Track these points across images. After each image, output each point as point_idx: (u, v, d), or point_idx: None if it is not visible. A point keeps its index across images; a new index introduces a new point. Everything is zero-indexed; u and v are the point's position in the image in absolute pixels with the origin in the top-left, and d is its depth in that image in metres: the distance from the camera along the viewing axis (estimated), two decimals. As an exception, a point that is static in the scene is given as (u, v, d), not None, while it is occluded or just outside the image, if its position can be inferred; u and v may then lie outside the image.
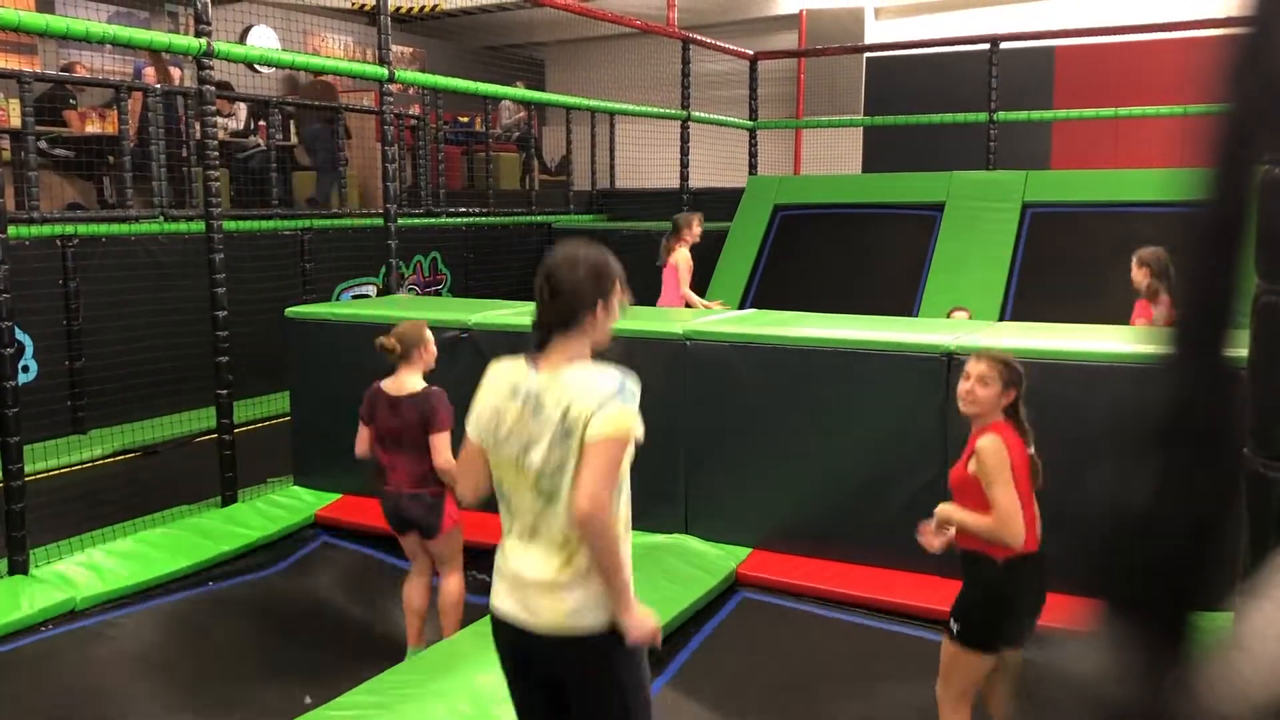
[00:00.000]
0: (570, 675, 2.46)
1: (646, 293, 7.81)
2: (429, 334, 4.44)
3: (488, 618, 2.62)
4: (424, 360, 4.40)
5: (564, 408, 2.36)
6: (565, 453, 2.35)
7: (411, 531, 4.32)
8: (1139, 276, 5.83)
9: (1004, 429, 3.31)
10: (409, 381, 4.31)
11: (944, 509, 3.25)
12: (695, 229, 7.95)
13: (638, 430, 2.38)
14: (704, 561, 4.90)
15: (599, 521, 2.31)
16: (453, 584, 4.40)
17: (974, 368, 3.29)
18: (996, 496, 3.17)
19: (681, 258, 7.82)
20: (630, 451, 2.40)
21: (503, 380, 2.49)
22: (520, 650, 2.49)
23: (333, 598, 4.94)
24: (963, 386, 3.30)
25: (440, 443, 4.17)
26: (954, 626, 3.23)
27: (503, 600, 2.48)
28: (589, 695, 2.46)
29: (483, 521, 5.50)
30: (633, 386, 2.39)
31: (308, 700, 3.93)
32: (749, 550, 5.08)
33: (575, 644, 2.41)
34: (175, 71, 9.33)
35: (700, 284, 9.97)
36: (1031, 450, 3.33)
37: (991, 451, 3.20)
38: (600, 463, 2.32)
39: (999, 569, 3.20)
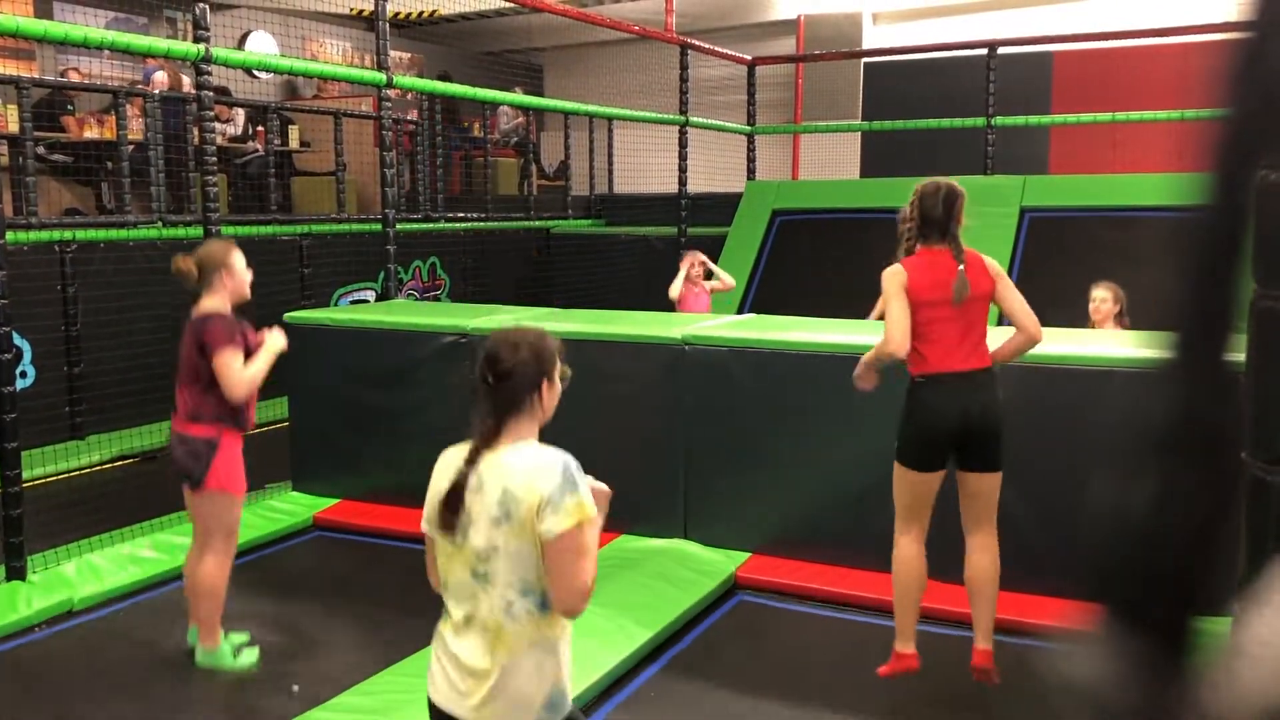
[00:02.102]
0: None
1: (647, 294, 7.82)
2: (236, 258, 3.86)
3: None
4: (228, 287, 3.85)
5: (501, 489, 2.30)
6: (500, 536, 2.29)
7: (183, 482, 3.81)
8: (1112, 304, 5.88)
9: (911, 259, 3.61)
10: (204, 307, 3.82)
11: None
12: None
13: (593, 509, 2.32)
14: (703, 565, 4.90)
15: (586, 598, 2.31)
16: (209, 565, 3.84)
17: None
18: (884, 314, 3.57)
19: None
20: (596, 529, 2.34)
21: (449, 464, 2.43)
22: None
23: (330, 594, 4.93)
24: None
25: (224, 363, 3.66)
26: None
27: (437, 690, 2.40)
28: None
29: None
30: (574, 467, 2.32)
31: (294, 689, 3.96)
32: (747, 554, 5.08)
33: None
34: (186, 79, 9.34)
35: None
36: (959, 270, 3.53)
37: (885, 277, 3.58)
38: (573, 555, 2.26)
39: (910, 387, 3.56)
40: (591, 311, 6.74)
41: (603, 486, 2.43)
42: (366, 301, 9.33)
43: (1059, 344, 4.82)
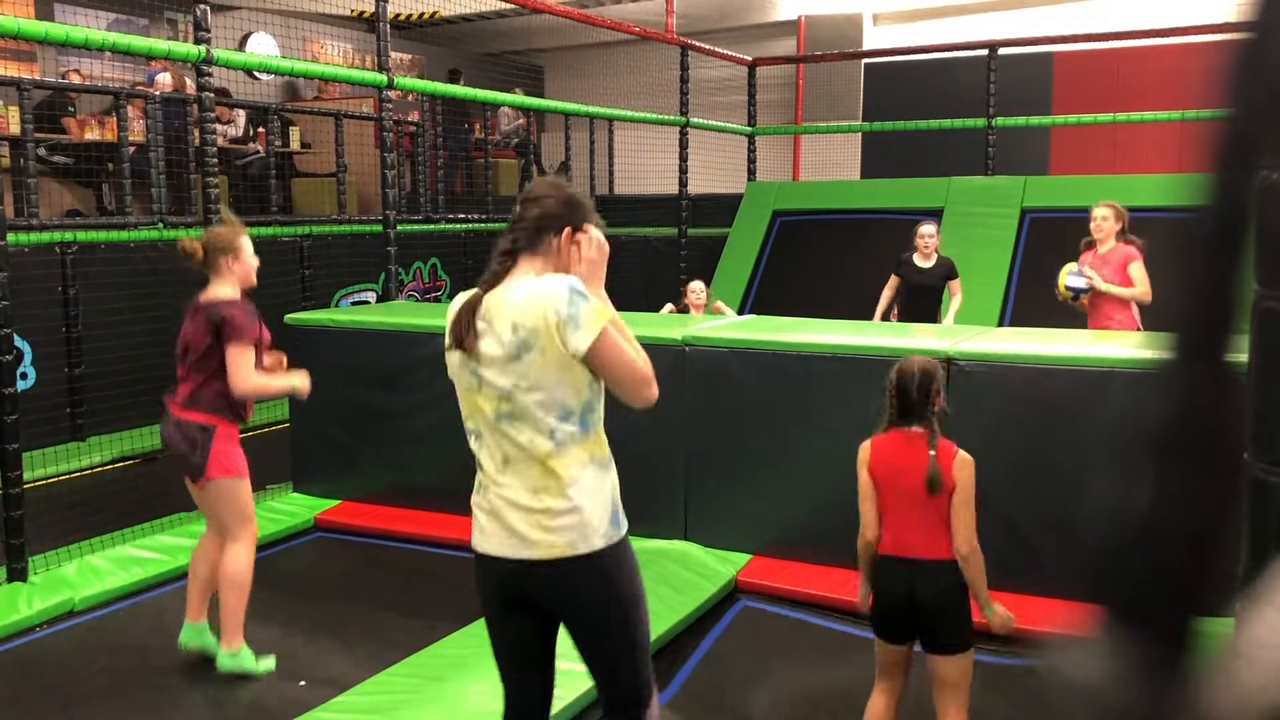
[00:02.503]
0: (572, 599, 2.42)
1: (647, 295, 7.82)
2: (244, 242, 3.69)
3: (482, 621, 2.61)
4: (235, 271, 3.68)
5: (510, 323, 2.31)
6: (523, 369, 2.30)
7: (185, 472, 3.67)
8: (1114, 221, 5.94)
9: (881, 438, 3.36)
10: (217, 293, 3.68)
11: None
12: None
13: (609, 309, 2.36)
14: (704, 568, 4.89)
15: (651, 381, 2.36)
16: (235, 555, 3.68)
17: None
18: None
19: None
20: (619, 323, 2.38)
21: (457, 309, 2.44)
22: (512, 586, 2.43)
23: (330, 595, 4.93)
24: None
25: (237, 357, 3.52)
26: None
27: (488, 539, 2.42)
28: (593, 615, 2.42)
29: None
30: (577, 283, 2.32)
31: (302, 684, 3.97)
32: (749, 557, 5.08)
33: (577, 568, 2.36)
34: (189, 81, 9.36)
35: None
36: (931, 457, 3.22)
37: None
38: (617, 352, 2.30)
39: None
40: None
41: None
42: (367, 303, 9.34)
43: (1059, 345, 4.82)
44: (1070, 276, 6.11)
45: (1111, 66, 11.84)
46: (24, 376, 6.94)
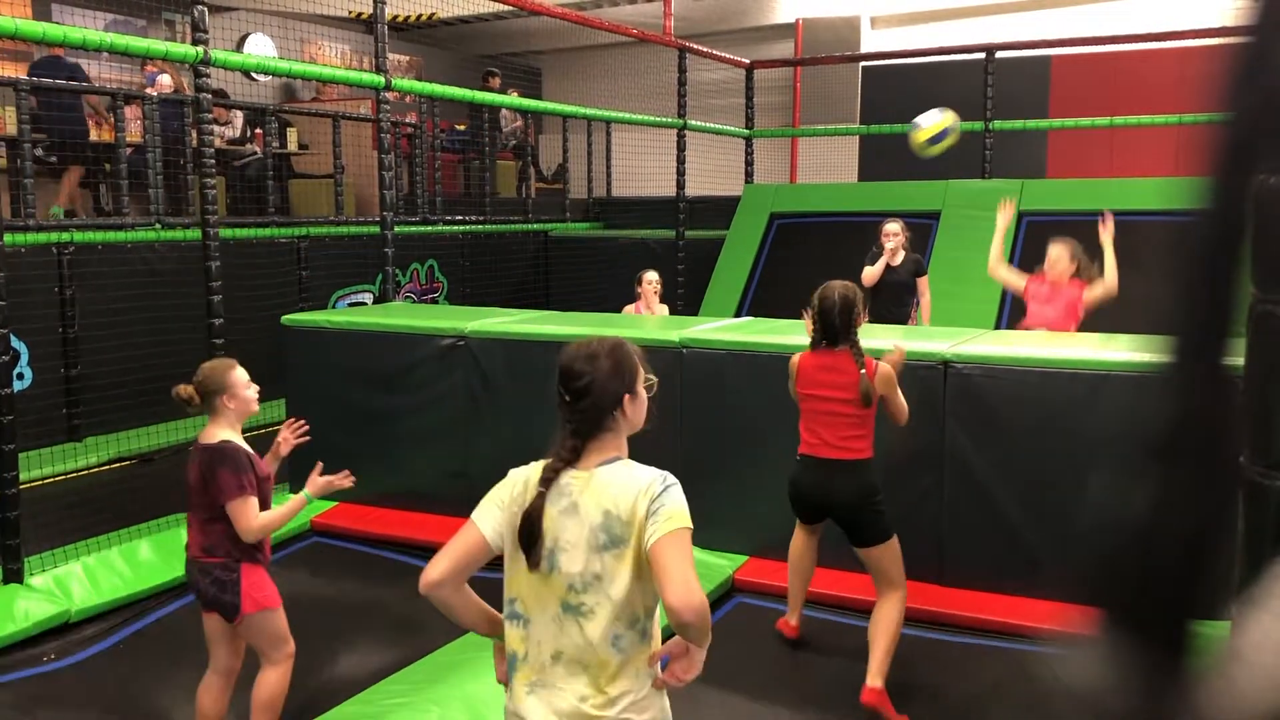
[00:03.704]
0: None
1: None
2: (235, 378, 3.57)
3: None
4: (233, 409, 3.55)
5: (602, 512, 2.15)
6: (606, 563, 2.15)
7: (211, 610, 3.55)
8: (1068, 263, 5.94)
9: (808, 355, 4.06)
10: (212, 435, 3.55)
11: None
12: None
13: (689, 522, 2.17)
14: (701, 569, 4.88)
15: (705, 621, 2.09)
16: (271, 678, 3.54)
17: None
18: None
19: None
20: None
21: (529, 482, 2.24)
22: None
23: (328, 601, 4.93)
24: None
25: (236, 513, 3.42)
26: None
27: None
28: None
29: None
30: (673, 480, 2.20)
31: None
32: (746, 557, 5.08)
33: None
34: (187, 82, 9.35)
35: (696, 292, 10.00)
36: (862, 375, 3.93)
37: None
38: (681, 553, 2.10)
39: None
40: (589, 315, 6.74)
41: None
42: (364, 304, 9.33)
43: (1056, 348, 4.83)
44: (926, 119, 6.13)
45: (1109, 70, 11.85)
46: (20, 377, 6.93)
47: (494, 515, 2.27)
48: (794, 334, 5.35)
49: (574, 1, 14.21)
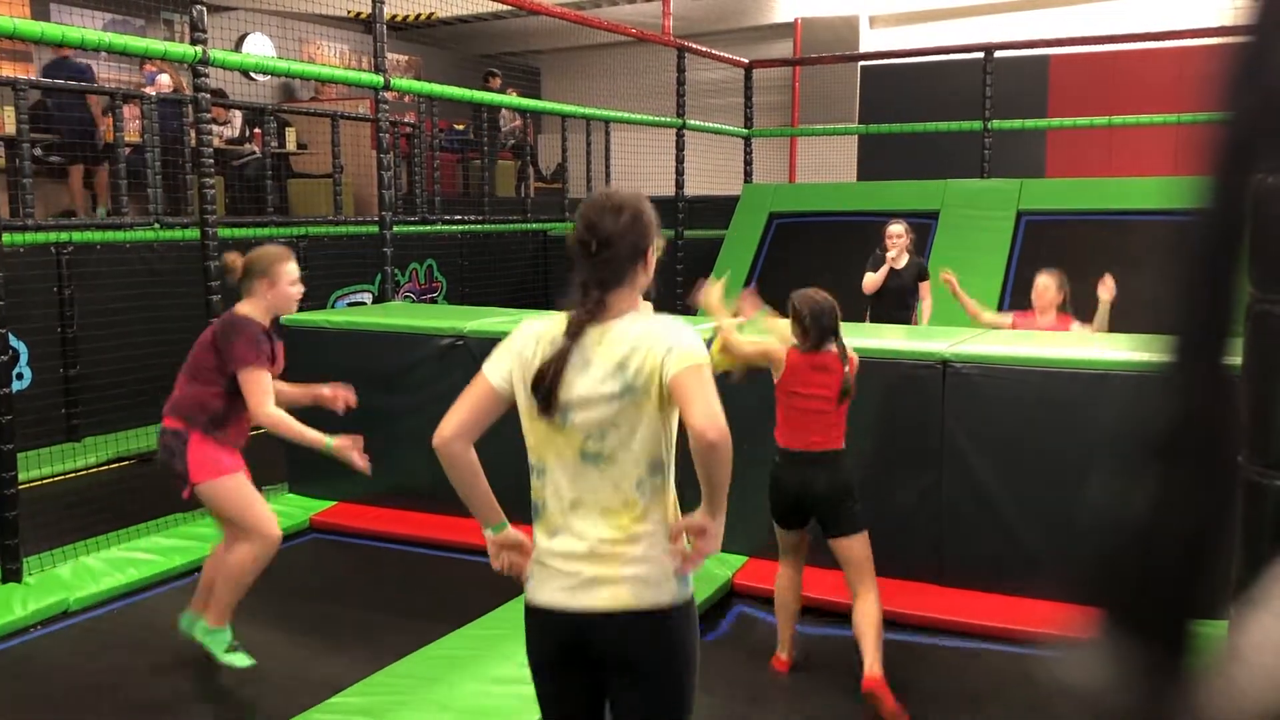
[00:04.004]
0: (635, 656, 2.23)
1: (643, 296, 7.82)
2: (286, 267, 3.53)
3: (482, 620, 2.58)
4: (270, 298, 3.53)
5: (618, 359, 2.16)
6: (620, 409, 2.16)
7: (173, 478, 3.53)
8: (1055, 293, 5.91)
9: (798, 353, 4.11)
10: (238, 308, 3.55)
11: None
12: None
13: (707, 355, 2.19)
14: (700, 571, 4.88)
15: (727, 443, 2.11)
16: (239, 551, 3.51)
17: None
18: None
19: None
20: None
21: (541, 336, 2.25)
22: (571, 641, 2.25)
23: (326, 598, 4.93)
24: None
25: (249, 383, 3.35)
26: None
27: (549, 591, 2.24)
28: (654, 675, 2.24)
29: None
30: (688, 326, 2.22)
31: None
32: (744, 559, 5.08)
33: (644, 622, 2.21)
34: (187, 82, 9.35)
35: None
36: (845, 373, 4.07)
37: (777, 334, 4.20)
38: (700, 384, 2.11)
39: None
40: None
41: None
42: (363, 304, 9.33)
43: (1055, 347, 4.83)
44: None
45: (1108, 70, 11.86)
46: (20, 377, 6.93)
47: (504, 365, 2.30)
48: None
49: (573, 1, 14.21)
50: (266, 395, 3.42)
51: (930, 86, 12.03)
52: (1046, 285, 5.97)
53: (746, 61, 11.38)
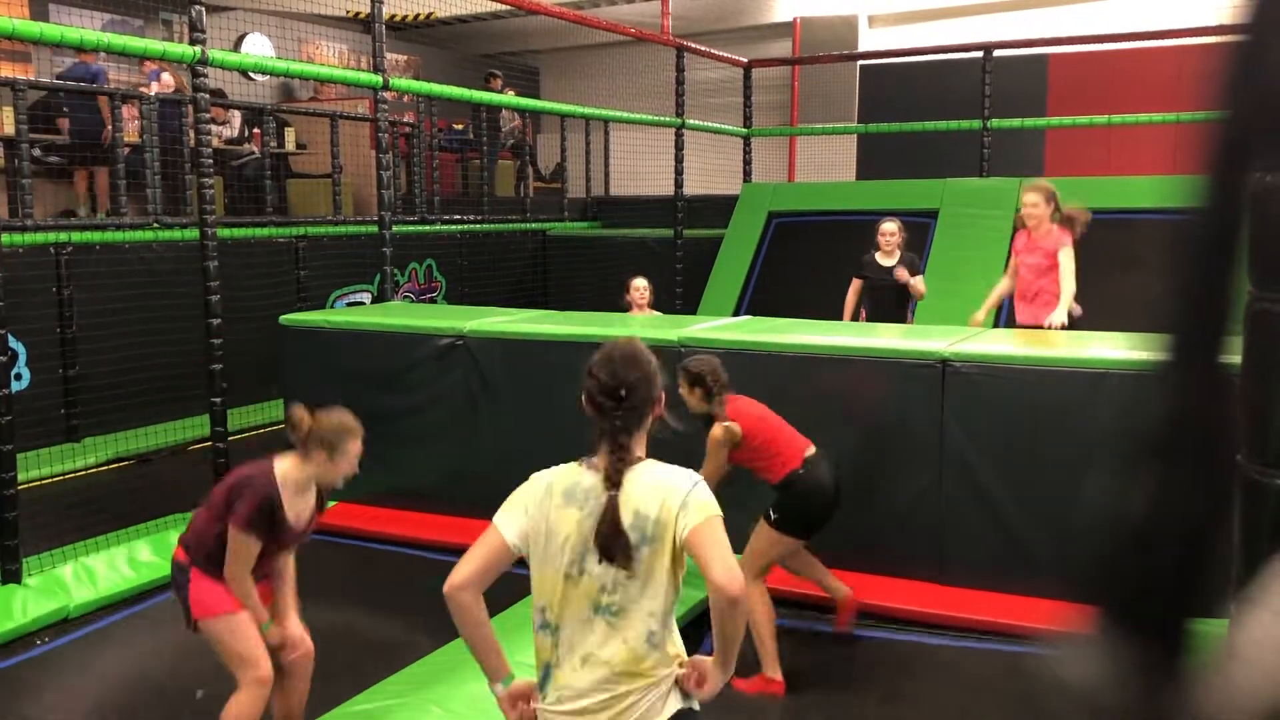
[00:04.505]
0: None
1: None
2: (354, 446, 3.36)
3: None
4: (321, 469, 3.36)
5: (634, 510, 2.19)
6: (639, 561, 2.19)
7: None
8: (1045, 206, 5.98)
9: (735, 409, 4.15)
10: (276, 467, 3.40)
11: None
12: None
13: (719, 511, 2.24)
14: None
15: (744, 601, 2.17)
16: (234, 701, 3.31)
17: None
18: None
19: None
20: None
21: (552, 487, 2.28)
22: None
23: (327, 600, 4.92)
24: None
25: (235, 541, 3.25)
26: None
27: None
28: None
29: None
30: (700, 477, 2.27)
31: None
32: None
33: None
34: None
35: (695, 291, 10.00)
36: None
37: (723, 433, 4.13)
38: (718, 539, 2.17)
39: (790, 480, 4.11)
40: (587, 314, 6.74)
41: None
42: (363, 303, 9.33)
43: (1054, 347, 4.83)
44: None
45: (1106, 68, 11.86)
46: (19, 377, 6.92)
47: (517, 520, 2.29)
48: (793, 333, 5.36)
49: (572, 1, 14.21)
50: (240, 560, 3.30)
51: (929, 86, 12.02)
52: (1034, 201, 6.01)
53: (745, 61, 11.38)
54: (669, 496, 2.20)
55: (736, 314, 9.21)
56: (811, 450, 4.16)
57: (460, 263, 10.68)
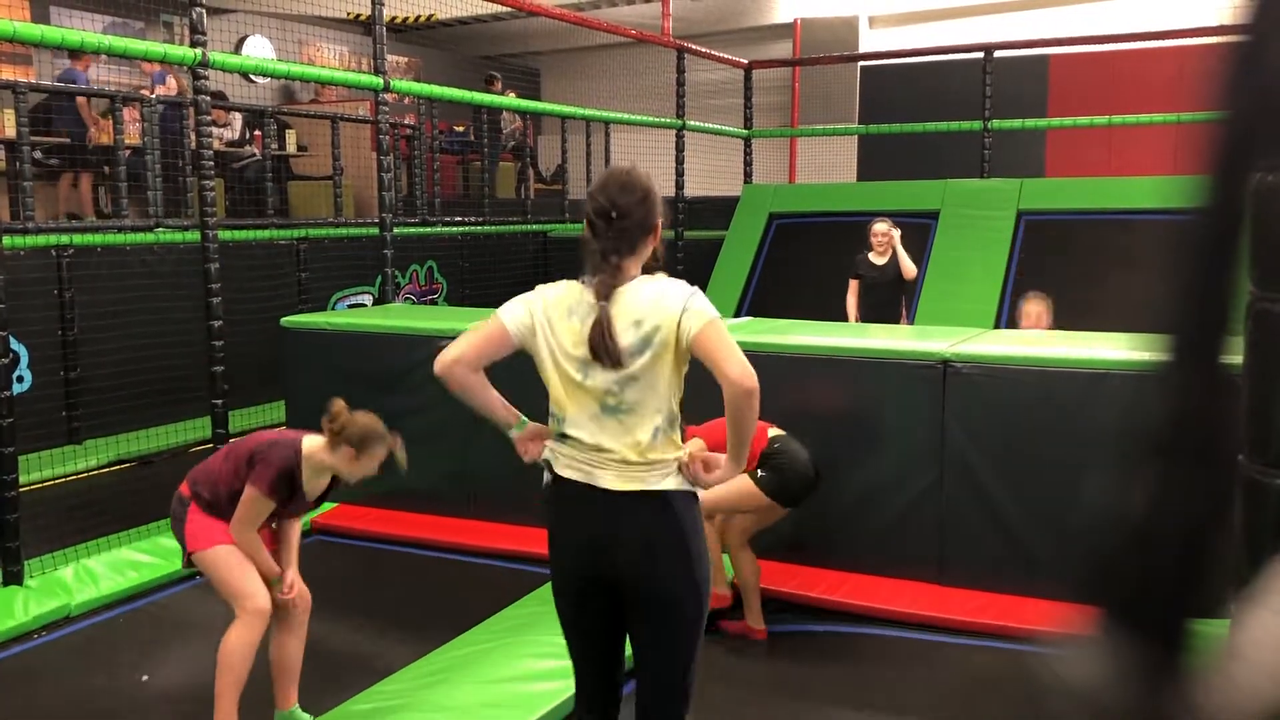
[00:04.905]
0: (653, 530, 2.47)
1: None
2: (379, 453, 3.57)
3: (488, 622, 2.60)
4: (343, 463, 3.48)
5: (633, 319, 2.39)
6: (640, 365, 2.39)
7: None
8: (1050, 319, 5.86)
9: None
10: (305, 444, 3.49)
11: None
12: None
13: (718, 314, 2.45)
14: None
15: (757, 392, 2.40)
16: (231, 635, 3.39)
17: None
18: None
19: None
20: None
21: (558, 302, 2.50)
22: (590, 513, 2.49)
23: (328, 600, 4.91)
24: None
25: (248, 500, 3.36)
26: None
27: (573, 469, 2.49)
28: (673, 547, 2.48)
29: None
30: (696, 289, 2.45)
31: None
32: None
33: (659, 500, 2.46)
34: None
35: (696, 292, 10.00)
36: None
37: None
38: (725, 339, 2.38)
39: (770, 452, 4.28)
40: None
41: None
42: (364, 305, 9.33)
43: (1054, 347, 4.83)
44: None
45: (1107, 69, 11.86)
46: (20, 380, 6.93)
47: (519, 315, 2.54)
48: (794, 334, 5.36)
49: (572, 2, 14.22)
50: (248, 520, 3.40)
51: (930, 86, 12.03)
52: (1039, 313, 5.88)
53: (746, 62, 11.38)
54: (668, 304, 2.39)
55: (737, 315, 9.21)
56: (775, 430, 4.33)
57: (461, 264, 10.68)
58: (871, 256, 7.31)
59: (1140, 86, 10.73)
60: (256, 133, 10.35)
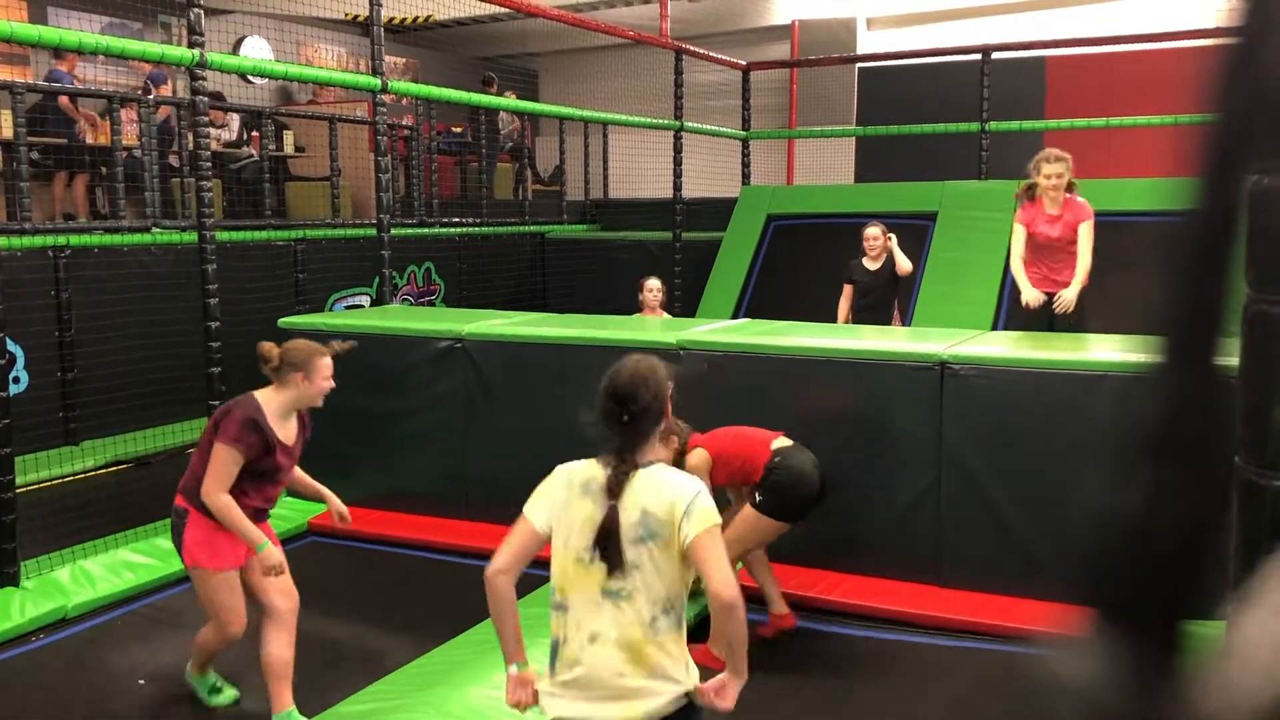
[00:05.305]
0: None
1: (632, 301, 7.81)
2: (323, 362, 3.61)
3: (484, 624, 2.62)
4: (300, 390, 3.57)
5: (642, 508, 2.41)
6: (644, 553, 2.40)
7: None
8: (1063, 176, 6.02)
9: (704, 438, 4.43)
10: (259, 395, 3.58)
11: None
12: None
13: (718, 519, 2.45)
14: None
15: (740, 606, 2.38)
16: (204, 632, 3.61)
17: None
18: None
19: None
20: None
21: (572, 479, 2.51)
22: None
23: (324, 601, 4.91)
24: None
25: (217, 457, 3.43)
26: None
27: (569, 708, 2.44)
28: None
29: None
30: (702, 485, 2.46)
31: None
32: (740, 564, 5.07)
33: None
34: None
35: (694, 294, 10.00)
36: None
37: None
38: (716, 549, 2.39)
39: (772, 466, 4.31)
40: (586, 316, 6.74)
41: None
42: (361, 306, 9.33)
43: (1053, 349, 4.83)
44: None
45: (1104, 71, 11.87)
46: (17, 380, 6.92)
47: (543, 508, 2.52)
48: (792, 335, 5.36)
49: (570, 3, 14.22)
50: (219, 477, 3.45)
51: (928, 88, 12.03)
52: (1061, 173, 6.00)
53: (744, 63, 11.39)
54: (675, 501, 2.41)
55: (735, 316, 9.22)
56: (780, 441, 4.34)
57: (459, 265, 10.68)
58: (865, 262, 7.32)
59: (1137, 88, 10.74)
60: (254, 133, 10.35)
